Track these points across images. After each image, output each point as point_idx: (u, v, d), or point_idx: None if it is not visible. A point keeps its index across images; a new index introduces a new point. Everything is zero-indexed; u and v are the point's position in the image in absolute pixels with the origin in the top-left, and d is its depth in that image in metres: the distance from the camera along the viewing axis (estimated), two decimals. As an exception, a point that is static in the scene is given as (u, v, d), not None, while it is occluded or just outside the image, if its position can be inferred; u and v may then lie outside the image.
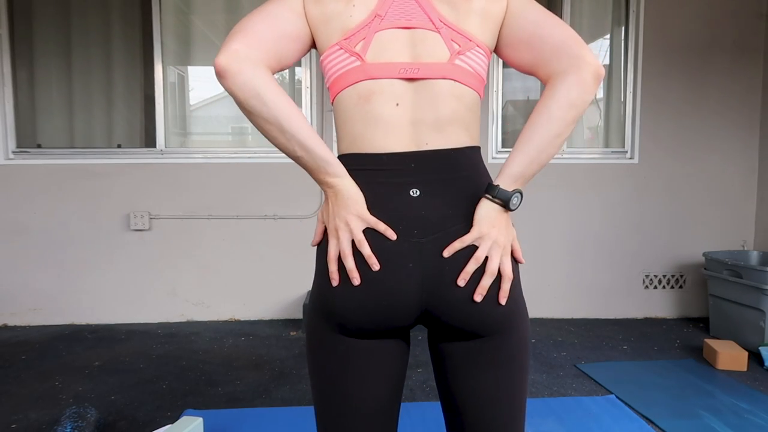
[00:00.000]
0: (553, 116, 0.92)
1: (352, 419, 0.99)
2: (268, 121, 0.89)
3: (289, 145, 0.91)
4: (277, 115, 0.89)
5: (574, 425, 2.32)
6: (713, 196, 3.97)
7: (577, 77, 0.91)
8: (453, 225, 0.94)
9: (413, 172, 0.96)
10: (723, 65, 3.88)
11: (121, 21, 3.74)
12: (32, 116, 3.76)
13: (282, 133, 0.90)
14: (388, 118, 0.96)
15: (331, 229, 0.95)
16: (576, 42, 0.94)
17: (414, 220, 0.94)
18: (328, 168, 0.93)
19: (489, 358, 0.98)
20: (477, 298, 0.93)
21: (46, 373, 2.87)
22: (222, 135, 4.03)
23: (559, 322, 3.84)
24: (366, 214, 0.92)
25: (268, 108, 0.88)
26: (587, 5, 3.93)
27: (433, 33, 0.97)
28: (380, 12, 0.96)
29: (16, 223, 3.66)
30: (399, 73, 0.95)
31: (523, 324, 1.00)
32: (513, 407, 1.01)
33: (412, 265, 0.93)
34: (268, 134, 0.91)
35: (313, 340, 1.02)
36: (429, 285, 0.93)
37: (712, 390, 2.70)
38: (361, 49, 0.95)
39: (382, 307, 0.94)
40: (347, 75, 0.97)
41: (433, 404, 2.49)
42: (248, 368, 2.96)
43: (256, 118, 0.90)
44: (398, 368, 1.02)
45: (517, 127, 4.08)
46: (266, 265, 3.80)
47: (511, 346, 0.99)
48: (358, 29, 0.96)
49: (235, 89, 0.88)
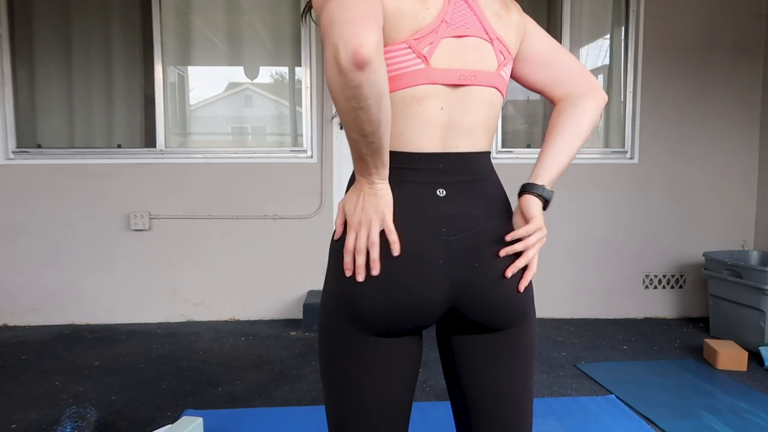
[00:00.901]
0: (582, 130, 1.07)
1: (369, 419, 0.99)
2: (371, 122, 0.83)
3: (368, 147, 0.87)
4: (381, 119, 0.83)
5: (574, 425, 2.32)
6: (713, 196, 3.97)
7: (596, 101, 1.07)
8: (482, 223, 0.99)
9: (440, 173, 0.99)
10: (723, 65, 3.88)
11: (121, 21, 3.74)
12: (32, 116, 3.76)
13: (372, 136, 0.85)
14: (429, 120, 0.98)
15: (354, 222, 0.94)
16: (588, 73, 1.11)
17: (442, 218, 0.97)
18: (382, 170, 0.92)
19: (504, 351, 1.03)
20: (509, 273, 0.99)
21: (46, 373, 2.87)
22: (222, 135, 4.03)
23: (559, 322, 3.84)
24: (389, 219, 0.93)
25: (380, 111, 0.82)
26: (587, 5, 3.93)
27: (487, 43, 1.00)
28: (447, 18, 0.96)
29: (16, 223, 3.66)
30: (459, 80, 0.97)
31: (534, 319, 1.07)
32: (525, 399, 1.05)
33: (441, 262, 0.95)
34: (356, 133, 0.85)
35: (330, 340, 1.01)
36: (457, 281, 0.96)
37: (712, 390, 2.70)
38: (428, 52, 0.95)
39: (409, 304, 0.95)
40: (409, 76, 0.95)
41: (433, 404, 2.49)
42: (248, 368, 2.96)
43: (362, 117, 0.82)
44: (416, 366, 1.04)
45: (518, 127, 4.08)
46: (266, 265, 3.80)
47: (525, 338, 1.04)
48: (428, 31, 0.95)
49: (366, 85, 0.78)
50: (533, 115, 4.09)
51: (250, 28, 3.85)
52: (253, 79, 3.93)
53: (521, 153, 3.92)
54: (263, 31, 3.88)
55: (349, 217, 0.95)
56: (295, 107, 3.92)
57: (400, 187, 0.96)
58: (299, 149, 3.86)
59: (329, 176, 3.79)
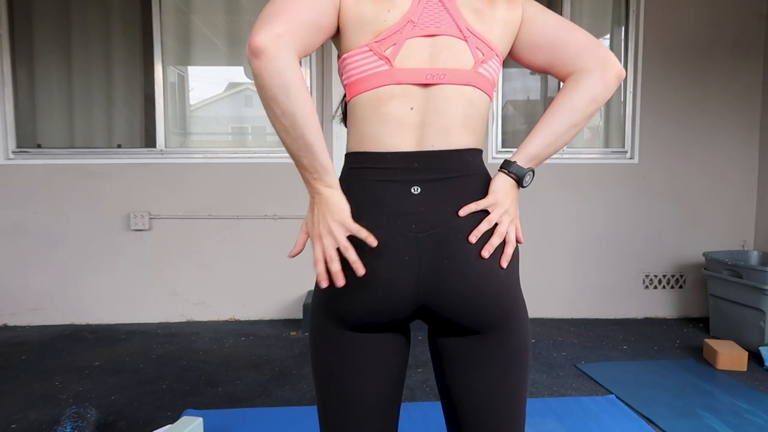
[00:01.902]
0: (575, 107, 1.00)
1: (351, 414, 1.01)
2: (285, 114, 0.87)
3: (294, 144, 0.90)
4: (294, 111, 0.86)
5: (574, 425, 2.32)
6: (713, 196, 3.97)
7: (601, 75, 1.00)
8: (455, 219, 0.97)
9: (415, 171, 0.98)
10: (723, 65, 3.88)
11: (121, 21, 3.74)
12: (32, 116, 3.76)
13: (293, 130, 0.88)
14: (400, 120, 0.98)
15: (315, 235, 0.95)
16: (599, 44, 1.03)
17: (413, 216, 0.96)
18: (324, 176, 0.92)
19: (485, 355, 1.00)
20: (485, 253, 0.96)
21: (46, 373, 2.87)
22: (222, 135, 4.03)
23: (559, 322, 3.84)
24: (349, 221, 0.93)
25: (290, 102, 0.86)
26: (587, 5, 3.93)
27: (461, 41, 0.99)
28: (413, 18, 0.97)
29: (16, 223, 3.66)
30: (426, 79, 0.97)
31: (522, 325, 1.02)
32: (511, 407, 1.02)
33: (408, 258, 0.95)
34: (278, 128, 0.89)
35: (314, 335, 1.05)
36: (426, 277, 0.96)
37: (712, 390, 2.70)
38: (390, 54, 0.96)
39: (379, 299, 0.96)
40: (372, 78, 0.97)
41: (433, 404, 2.49)
42: (248, 368, 2.96)
43: (274, 108, 0.87)
44: (398, 363, 1.04)
45: (518, 127, 4.08)
46: (266, 265, 3.80)
47: (509, 345, 1.00)
48: (390, 33, 0.96)
49: (266, 74, 0.84)
50: (533, 115, 4.09)
51: (249, 28, 3.83)
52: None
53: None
54: (263, 31, 3.87)
55: (311, 232, 0.97)
56: (295, 107, 3.92)
57: (371, 186, 0.98)
58: (299, 149, 3.85)
59: (329, 176, 3.79)
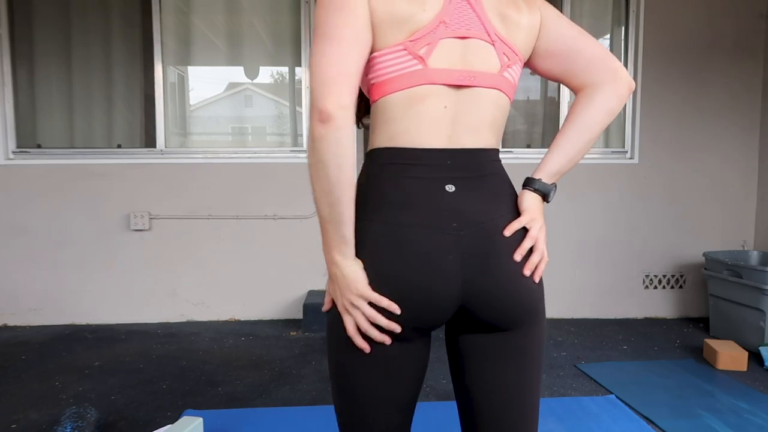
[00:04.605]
0: (593, 122, 1.04)
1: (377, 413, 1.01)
2: (330, 181, 0.89)
3: (327, 210, 0.92)
4: (340, 180, 0.89)
5: (574, 425, 2.32)
6: (713, 196, 3.97)
7: (614, 89, 1.04)
8: (492, 219, 0.99)
9: (448, 168, 0.99)
10: (723, 65, 3.88)
11: (121, 21, 3.74)
12: (32, 116, 3.76)
13: (332, 196, 0.90)
14: (433, 118, 0.98)
15: (341, 307, 0.97)
16: (611, 57, 1.06)
17: (452, 213, 0.96)
18: (344, 248, 0.94)
19: (511, 351, 1.02)
20: (527, 272, 0.99)
21: (46, 373, 2.87)
22: (222, 135, 4.03)
23: (559, 322, 3.84)
24: (368, 292, 0.94)
25: (339, 171, 0.89)
26: (587, 5, 3.93)
27: (489, 45, 1.00)
28: (445, 19, 0.97)
29: (16, 223, 3.66)
30: (458, 80, 0.97)
31: (543, 320, 1.07)
32: (532, 399, 1.05)
33: (452, 258, 0.95)
34: (318, 192, 0.92)
35: (342, 340, 1.00)
36: (469, 277, 0.96)
37: (712, 390, 2.70)
38: (425, 53, 0.96)
39: (421, 302, 0.95)
40: (405, 77, 0.96)
41: (433, 404, 2.49)
42: (248, 368, 2.96)
43: (322, 172, 0.89)
44: (426, 363, 1.05)
45: (517, 127, 4.08)
46: (266, 265, 3.80)
47: (534, 339, 1.04)
48: (425, 33, 0.96)
49: (327, 140, 0.87)
50: (533, 115, 4.09)
51: (250, 28, 3.85)
52: (253, 79, 3.93)
53: (521, 153, 3.92)
54: (263, 31, 3.88)
55: (336, 301, 0.98)
56: (295, 107, 3.92)
57: (408, 183, 0.97)
58: (299, 149, 3.86)
59: (329, 176, 3.78)
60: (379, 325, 0.95)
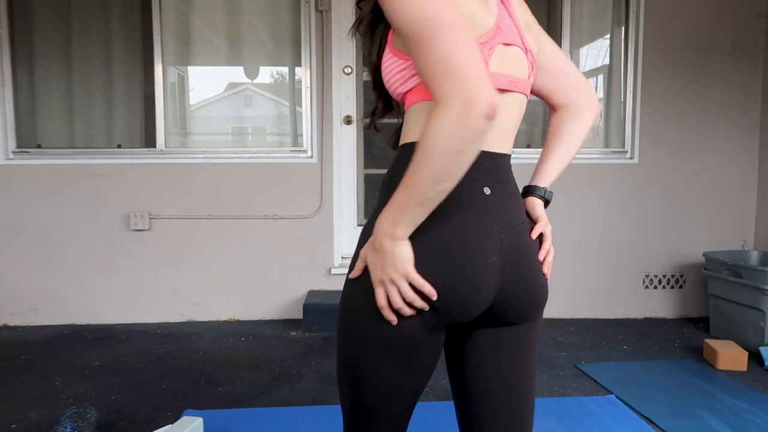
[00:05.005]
0: (579, 137, 1.18)
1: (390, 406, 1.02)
2: (455, 170, 0.85)
3: (430, 193, 0.87)
4: (463, 171, 0.85)
5: (574, 425, 2.32)
6: (713, 196, 3.97)
7: (592, 111, 1.18)
8: (519, 222, 1.05)
9: (484, 171, 1.00)
10: (723, 65, 3.88)
11: (121, 21, 3.74)
12: (32, 116, 3.76)
13: (443, 185, 0.86)
14: None
15: (377, 280, 0.95)
16: (588, 83, 1.20)
17: (493, 216, 1.00)
18: (410, 228, 0.91)
19: (515, 344, 1.07)
20: (546, 271, 1.09)
21: (46, 373, 2.87)
22: (222, 135, 4.03)
23: (559, 322, 3.84)
24: (413, 274, 0.92)
25: (468, 161, 0.85)
26: (587, 5, 3.93)
27: (523, 52, 1.05)
28: (501, 24, 1.00)
29: (16, 223, 3.66)
30: (506, 85, 1.01)
31: (542, 314, 1.13)
32: (532, 390, 1.10)
33: (495, 259, 0.98)
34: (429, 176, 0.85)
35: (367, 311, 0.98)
36: (507, 277, 1.00)
37: (712, 390, 2.70)
38: (487, 56, 0.98)
39: (465, 300, 0.96)
40: None
41: (433, 404, 2.49)
42: (248, 368, 2.96)
43: (452, 162, 0.84)
44: (436, 362, 1.05)
45: (518, 127, 4.07)
46: (266, 265, 3.80)
47: (537, 329, 1.10)
48: (489, 37, 0.98)
49: (482, 138, 0.83)
50: (533, 115, 4.09)
51: (250, 28, 3.85)
52: (253, 79, 3.93)
53: (521, 153, 3.91)
54: (263, 31, 3.88)
55: (372, 272, 0.96)
56: (295, 107, 3.92)
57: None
58: (299, 149, 3.86)
59: (329, 176, 3.79)
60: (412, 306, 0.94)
